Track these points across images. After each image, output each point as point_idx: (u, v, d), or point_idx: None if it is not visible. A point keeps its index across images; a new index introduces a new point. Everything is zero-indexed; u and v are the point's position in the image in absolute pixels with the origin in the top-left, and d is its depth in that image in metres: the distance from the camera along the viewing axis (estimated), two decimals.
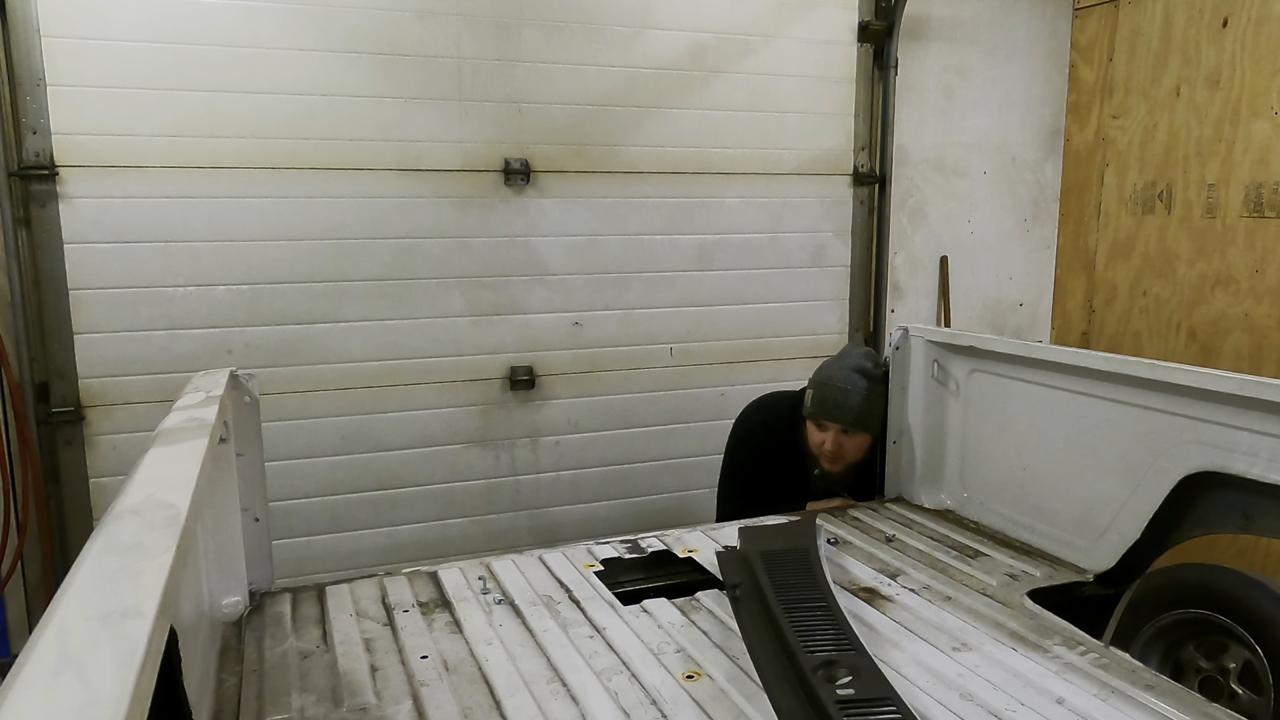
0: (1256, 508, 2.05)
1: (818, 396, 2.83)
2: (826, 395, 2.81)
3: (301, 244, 3.60)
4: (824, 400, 2.81)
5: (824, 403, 2.81)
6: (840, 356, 2.94)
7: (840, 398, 2.80)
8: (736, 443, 3.11)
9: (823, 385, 2.82)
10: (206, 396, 1.88)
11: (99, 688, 0.76)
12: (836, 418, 2.81)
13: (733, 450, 3.12)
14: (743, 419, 3.13)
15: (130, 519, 1.16)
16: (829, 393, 2.81)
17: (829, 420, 2.82)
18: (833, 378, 2.82)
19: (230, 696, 1.75)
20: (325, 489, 3.76)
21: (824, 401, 2.81)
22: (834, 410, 2.80)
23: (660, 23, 3.98)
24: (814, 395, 2.84)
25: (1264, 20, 3.89)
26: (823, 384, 2.83)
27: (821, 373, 2.88)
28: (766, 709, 1.63)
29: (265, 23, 3.43)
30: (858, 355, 2.92)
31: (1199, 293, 4.24)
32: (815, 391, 2.84)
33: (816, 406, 2.83)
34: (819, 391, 2.83)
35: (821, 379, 2.85)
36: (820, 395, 2.82)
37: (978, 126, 4.70)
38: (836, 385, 2.80)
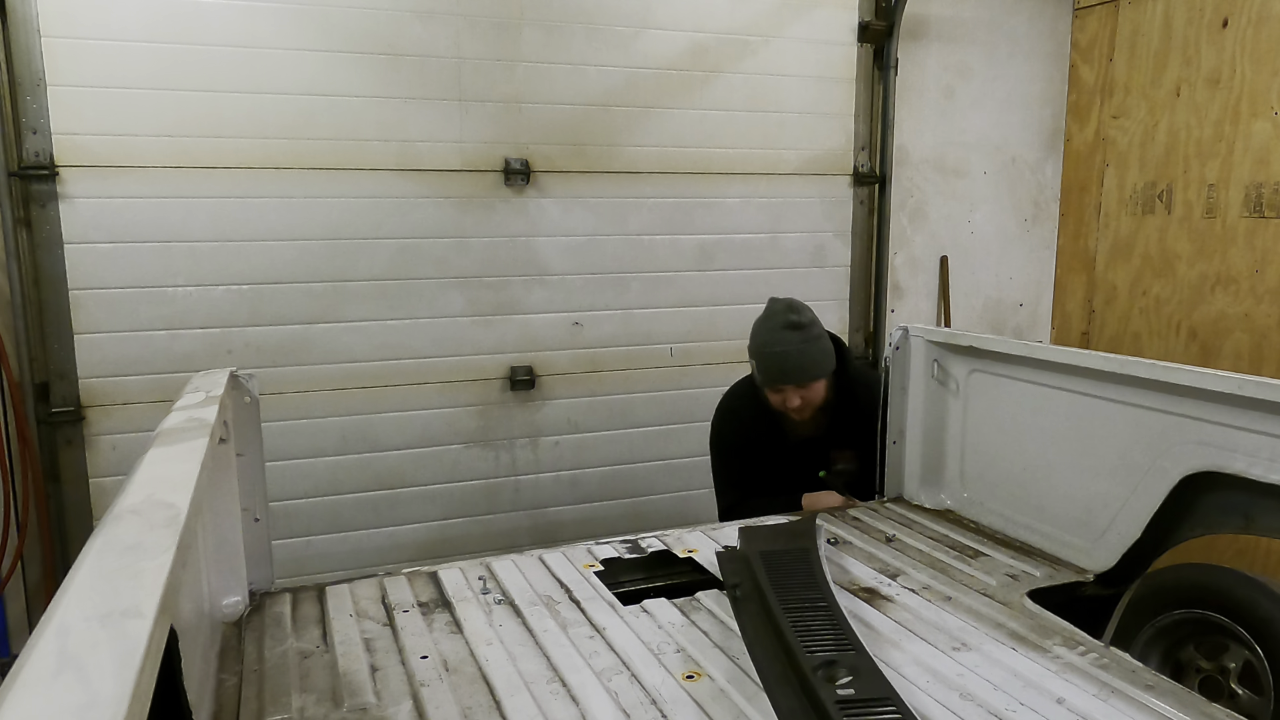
0: (1256, 508, 2.05)
1: (761, 366, 2.84)
2: (769, 364, 2.82)
3: (301, 244, 3.60)
4: (768, 369, 2.82)
5: (769, 371, 2.82)
6: (766, 319, 2.88)
7: (780, 362, 2.80)
8: (717, 435, 3.16)
9: (762, 355, 2.82)
10: (206, 396, 1.88)
11: (99, 688, 0.76)
12: (785, 380, 2.82)
13: (716, 443, 3.16)
14: (717, 413, 3.18)
15: (130, 519, 1.16)
16: (769, 361, 2.81)
17: (781, 384, 2.83)
18: (767, 344, 2.81)
19: (230, 696, 1.75)
20: (325, 489, 3.76)
21: (768, 370, 2.82)
22: (780, 375, 2.81)
23: (660, 23, 3.98)
24: (757, 366, 2.85)
25: (1264, 20, 3.89)
26: (761, 354, 2.83)
27: (755, 342, 2.86)
28: (766, 709, 1.63)
29: (265, 23, 3.44)
30: (780, 312, 2.87)
31: (1199, 293, 4.24)
32: (757, 362, 2.85)
33: (764, 376, 2.85)
34: (760, 362, 2.84)
35: (758, 349, 2.84)
36: (763, 365, 2.83)
37: (978, 126, 4.70)
38: (773, 351, 2.80)
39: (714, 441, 3.17)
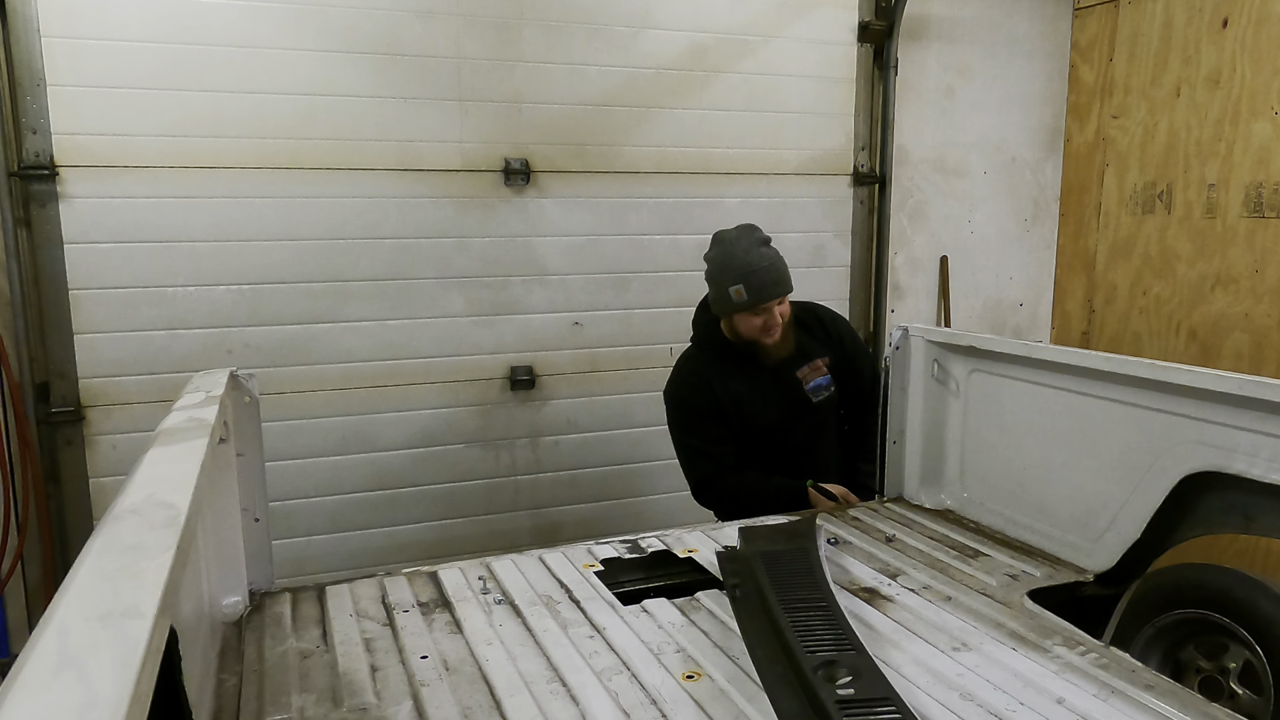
0: (1256, 508, 2.05)
1: (751, 286, 2.74)
2: (760, 280, 2.75)
3: (301, 244, 3.60)
4: (760, 286, 2.75)
5: (761, 288, 2.75)
6: (733, 243, 2.81)
7: (771, 275, 2.76)
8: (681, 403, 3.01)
9: (750, 274, 2.74)
10: (206, 396, 1.88)
11: (99, 688, 0.76)
12: (777, 291, 2.79)
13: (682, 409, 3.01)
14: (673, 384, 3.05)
15: (130, 519, 1.16)
16: (760, 277, 2.74)
17: (770, 300, 2.78)
18: (751, 263, 2.75)
19: (230, 696, 1.75)
20: (325, 489, 3.76)
21: (760, 287, 2.75)
22: (773, 286, 2.77)
23: (660, 23, 3.98)
24: (745, 287, 2.75)
25: (1264, 20, 3.89)
26: (748, 274, 2.74)
27: (735, 264, 2.77)
28: (766, 709, 1.63)
29: (265, 23, 3.44)
30: (747, 233, 2.84)
31: (1199, 293, 4.24)
32: (745, 283, 2.75)
33: (754, 295, 2.75)
34: (750, 281, 2.74)
35: (742, 269, 2.75)
36: (754, 283, 2.74)
37: (978, 126, 4.70)
38: (761, 267, 2.75)
39: (679, 409, 3.02)
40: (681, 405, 3.01)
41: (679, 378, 3.05)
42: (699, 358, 3.04)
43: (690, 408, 2.98)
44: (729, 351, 2.96)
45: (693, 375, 3.00)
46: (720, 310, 2.88)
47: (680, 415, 3.02)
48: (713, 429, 2.96)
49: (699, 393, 2.96)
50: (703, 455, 2.98)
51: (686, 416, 3.00)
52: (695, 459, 3.00)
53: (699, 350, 3.05)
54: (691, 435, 3.00)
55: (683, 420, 3.02)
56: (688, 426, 3.00)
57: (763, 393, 2.96)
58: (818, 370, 3.01)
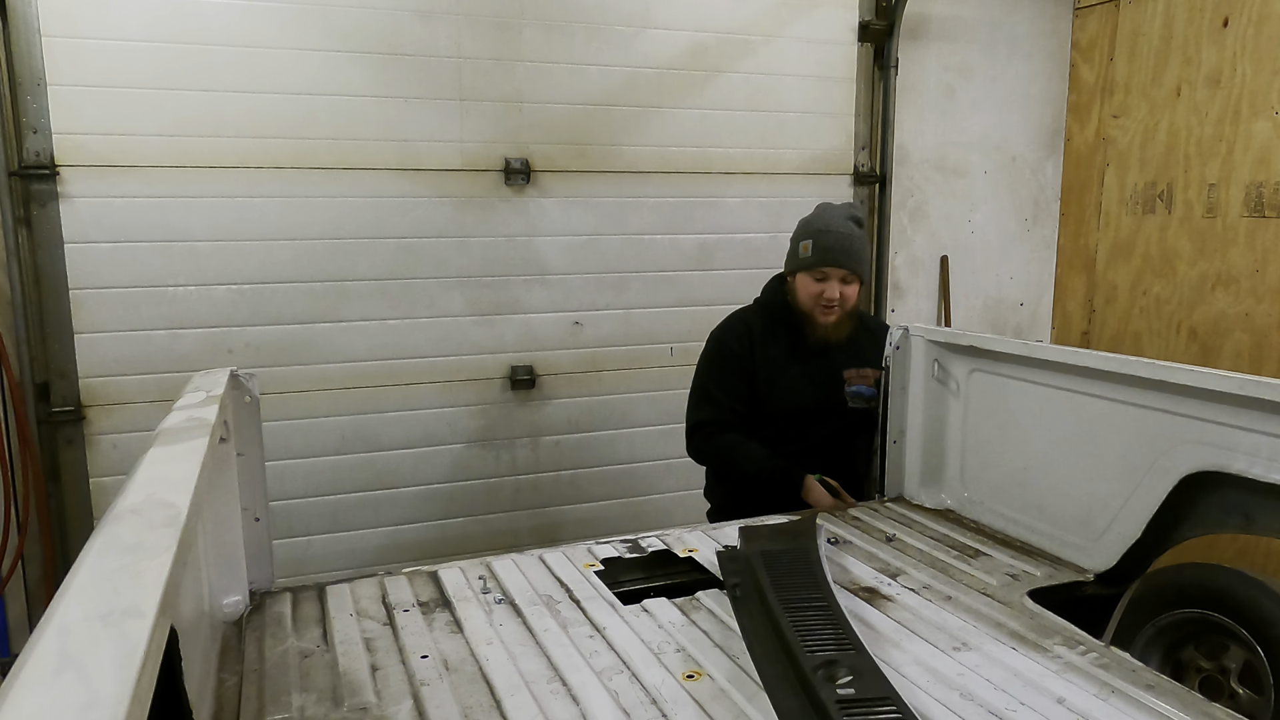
0: (1256, 508, 2.05)
1: (819, 244, 2.72)
2: (830, 242, 2.72)
3: (302, 244, 3.60)
4: (828, 247, 2.72)
5: (828, 250, 2.72)
6: (826, 209, 2.82)
7: (843, 243, 2.72)
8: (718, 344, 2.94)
9: (822, 233, 2.72)
10: (207, 396, 1.88)
11: (99, 687, 0.76)
12: (840, 262, 2.74)
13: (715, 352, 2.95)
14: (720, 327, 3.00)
15: (131, 518, 1.16)
16: (831, 239, 2.71)
17: (833, 266, 2.74)
18: (830, 224, 2.73)
19: (230, 696, 1.75)
20: (326, 489, 3.76)
21: (828, 249, 2.72)
22: (839, 255, 2.73)
23: (660, 22, 3.98)
24: (814, 244, 2.73)
25: (1264, 20, 3.89)
26: (822, 231, 2.73)
27: (815, 223, 2.77)
28: (766, 709, 1.63)
29: (265, 23, 3.44)
30: (845, 207, 2.83)
31: (1199, 292, 4.24)
32: (814, 240, 2.73)
33: (819, 255, 2.72)
34: (819, 239, 2.72)
35: (818, 227, 2.74)
36: (822, 243, 2.72)
37: (978, 126, 4.70)
38: (837, 231, 2.72)
39: (714, 348, 2.97)
40: (718, 346, 2.95)
41: (728, 323, 3.00)
42: (755, 312, 2.99)
43: (725, 352, 2.92)
44: (784, 316, 2.91)
45: (741, 325, 2.94)
46: (788, 268, 2.86)
47: (712, 355, 2.96)
48: (735, 382, 2.89)
49: (740, 343, 2.90)
50: (711, 401, 2.91)
51: (717, 359, 2.94)
52: (703, 402, 2.93)
53: (757, 307, 3.01)
54: (711, 378, 2.94)
55: (711, 361, 2.96)
56: (712, 368, 2.94)
57: (802, 371, 2.90)
58: (865, 378, 2.96)
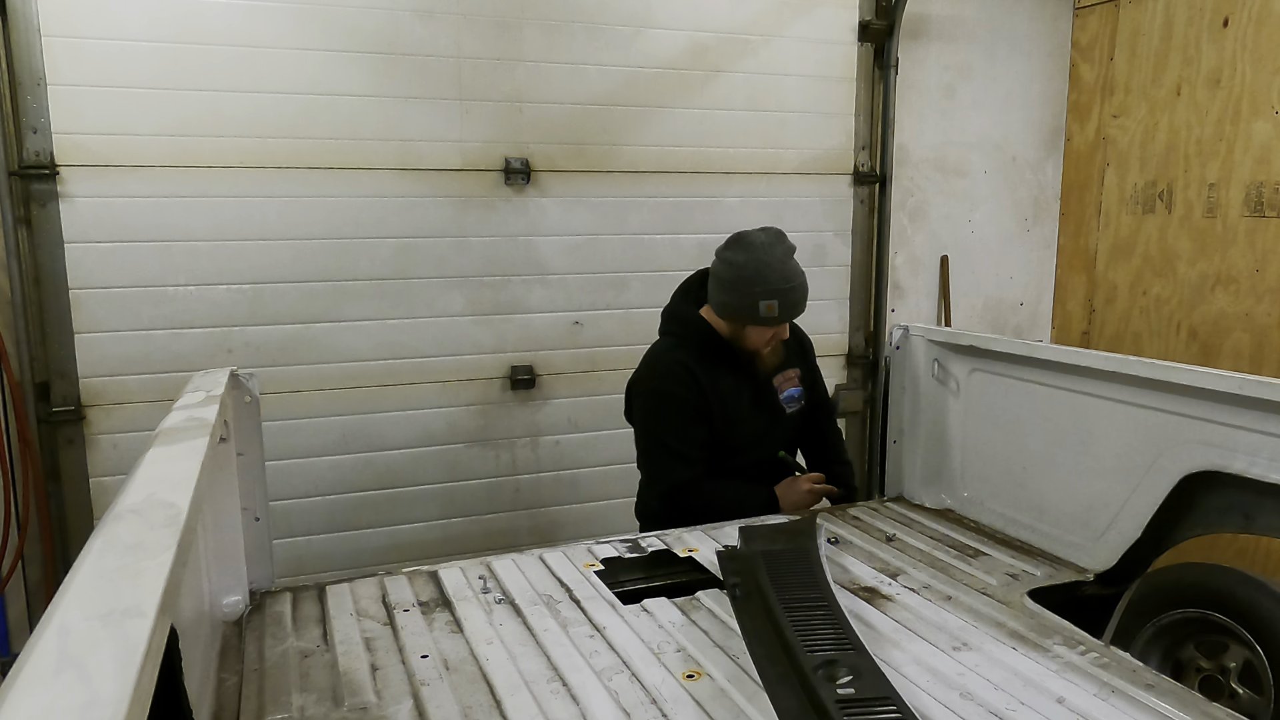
0: (1256, 507, 2.05)
1: (786, 303, 2.60)
2: (796, 299, 2.62)
3: (302, 243, 3.60)
4: (794, 304, 2.63)
5: (794, 306, 2.63)
6: (765, 251, 2.60)
7: (803, 294, 2.65)
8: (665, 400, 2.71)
9: (785, 291, 2.59)
10: (207, 396, 1.88)
11: (99, 687, 0.76)
12: (800, 312, 2.69)
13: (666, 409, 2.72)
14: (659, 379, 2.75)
15: (131, 518, 1.16)
16: (796, 295, 2.62)
17: (797, 316, 2.69)
18: (788, 279, 2.60)
19: (230, 696, 1.75)
20: (325, 488, 3.76)
21: (794, 305, 2.63)
22: (800, 307, 2.67)
23: (660, 22, 3.98)
24: (780, 305, 2.59)
25: (1264, 20, 3.89)
26: (785, 290, 2.59)
27: (772, 279, 2.58)
28: (767, 708, 1.63)
29: (265, 22, 3.43)
30: (777, 241, 2.64)
31: (1199, 292, 4.24)
32: (780, 300, 2.59)
33: (787, 312, 2.63)
34: (785, 298, 2.59)
35: (779, 285, 2.58)
36: (789, 300, 2.60)
37: (978, 126, 4.70)
38: (796, 285, 2.61)
39: (662, 403, 2.73)
40: (665, 400, 2.71)
41: (661, 370, 2.75)
42: (680, 348, 2.76)
43: (675, 403, 2.69)
44: (715, 345, 2.74)
45: (679, 368, 2.71)
46: (734, 317, 2.66)
47: (661, 410, 2.73)
48: (695, 431, 2.70)
49: (686, 388, 2.68)
50: (681, 459, 2.71)
51: (668, 413, 2.72)
52: (672, 462, 2.72)
53: (680, 343, 2.78)
54: (670, 434, 2.72)
55: (663, 416, 2.73)
56: (668, 424, 2.72)
57: (747, 397, 2.78)
58: (791, 380, 2.88)
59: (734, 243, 2.67)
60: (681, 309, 2.83)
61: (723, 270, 2.66)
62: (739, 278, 2.60)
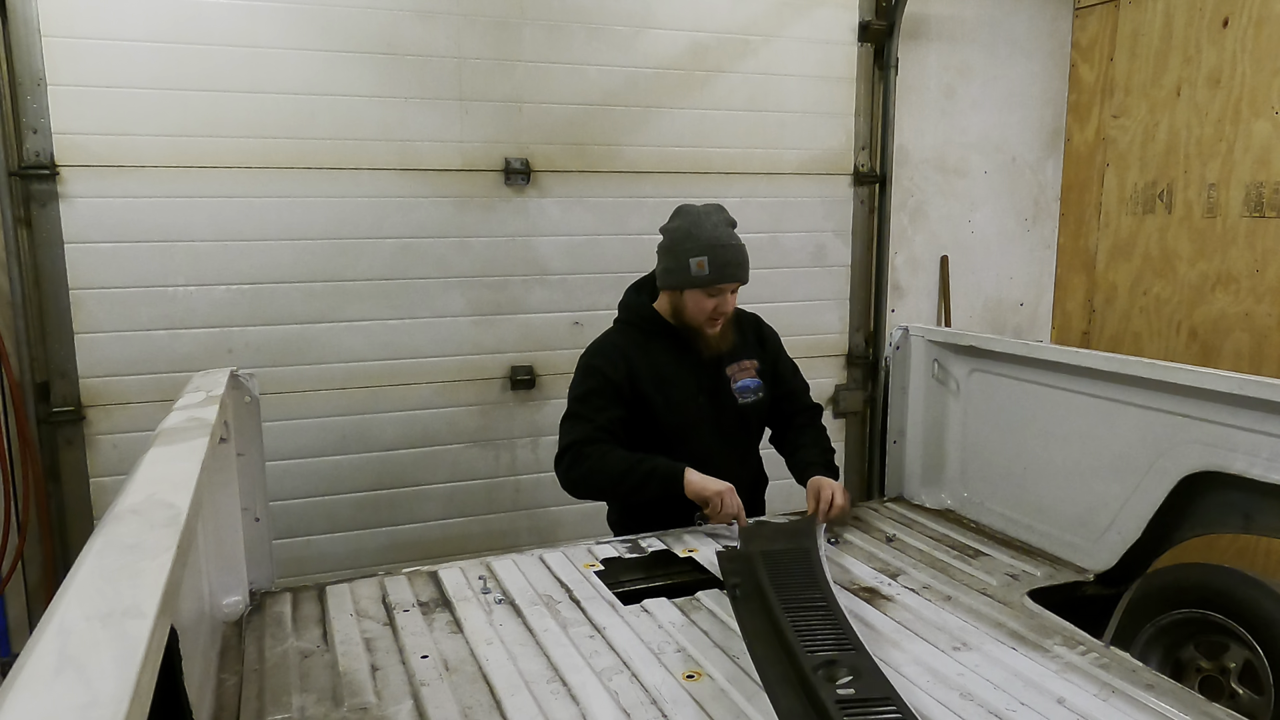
0: (1256, 508, 2.05)
1: (716, 261, 2.56)
2: (727, 257, 2.57)
3: (302, 244, 3.60)
4: (725, 263, 2.57)
5: (725, 265, 2.57)
6: (702, 218, 2.61)
7: (738, 255, 2.59)
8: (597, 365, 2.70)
9: (717, 248, 2.57)
10: (207, 396, 1.88)
11: (99, 687, 0.76)
12: (737, 275, 2.62)
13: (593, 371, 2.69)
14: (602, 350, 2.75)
15: (131, 518, 1.16)
16: (728, 254, 2.57)
17: (730, 281, 2.62)
18: (721, 237, 2.58)
19: (231, 696, 1.75)
20: (325, 489, 3.76)
21: (725, 264, 2.57)
22: (735, 269, 2.61)
23: (661, 22, 3.98)
24: (709, 261, 2.56)
25: (1264, 20, 3.89)
26: (716, 246, 2.57)
27: (702, 237, 2.58)
28: (767, 709, 1.63)
29: (265, 23, 3.43)
30: (715, 211, 2.65)
31: (1199, 292, 4.24)
32: (710, 256, 2.56)
33: (716, 271, 2.57)
34: (715, 255, 2.56)
35: (709, 242, 2.57)
36: (719, 258, 2.56)
37: (978, 126, 4.70)
38: (730, 244, 2.58)
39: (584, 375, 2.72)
40: (588, 373, 2.71)
41: (596, 347, 2.78)
42: (622, 333, 2.78)
43: (596, 377, 2.68)
44: (660, 330, 2.73)
45: (611, 348, 2.73)
46: (671, 283, 2.66)
47: (581, 381, 2.72)
48: (606, 404, 2.65)
49: (611, 365, 2.68)
50: (581, 420, 2.65)
51: (586, 384, 2.70)
52: (572, 422, 2.67)
53: (623, 327, 2.81)
54: (581, 403, 2.68)
55: (581, 386, 2.71)
56: (582, 393, 2.70)
57: (691, 378, 2.72)
58: (746, 371, 2.80)
59: (674, 214, 2.71)
60: (631, 298, 2.85)
61: (662, 241, 2.70)
62: (669, 243, 2.65)
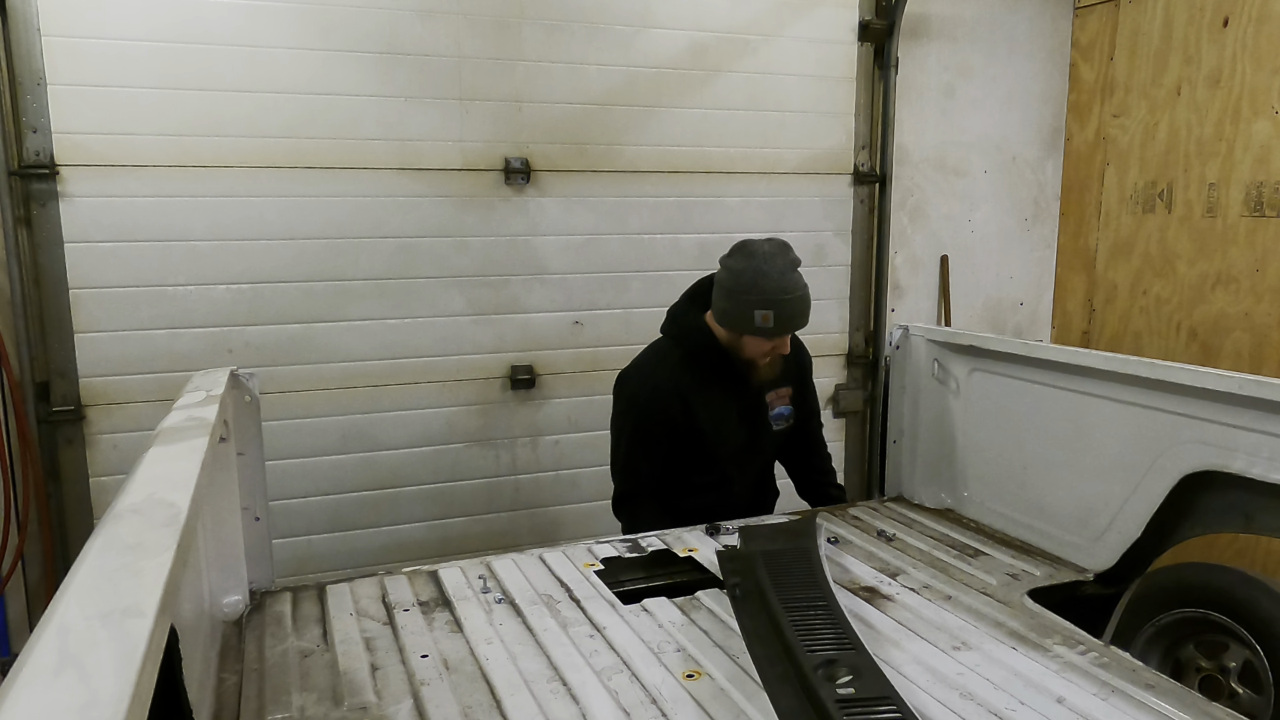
0: (1256, 507, 2.05)
1: (782, 315, 2.54)
2: (792, 310, 2.55)
3: (302, 243, 3.60)
4: (790, 316, 2.55)
5: (791, 319, 2.56)
6: (767, 260, 2.55)
7: (802, 306, 2.57)
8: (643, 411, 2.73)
9: (783, 302, 2.53)
10: (207, 395, 1.88)
11: (99, 687, 0.76)
12: (800, 325, 2.63)
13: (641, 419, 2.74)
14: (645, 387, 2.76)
15: (131, 518, 1.16)
16: (792, 307, 2.55)
17: (793, 330, 2.63)
18: (787, 288, 2.53)
19: (231, 695, 1.75)
20: (325, 488, 3.76)
21: (790, 318, 2.56)
22: (800, 320, 2.61)
23: (660, 22, 3.98)
24: (775, 316, 2.53)
25: (1264, 20, 3.89)
26: (783, 300, 2.53)
27: (769, 289, 2.53)
28: (766, 708, 1.63)
29: (265, 22, 3.43)
30: (780, 253, 2.58)
31: (1199, 292, 4.24)
32: (776, 311, 2.53)
33: (783, 325, 2.56)
34: (781, 310, 2.53)
35: (776, 295, 2.53)
36: (785, 312, 2.54)
37: (978, 125, 4.70)
38: (796, 297, 2.55)
39: (637, 413, 2.76)
40: (641, 413, 2.74)
41: (649, 376, 2.77)
42: (676, 356, 2.75)
43: (649, 417, 2.72)
44: (713, 357, 2.71)
45: (667, 380, 2.71)
46: (730, 325, 2.63)
47: (634, 419, 2.77)
48: (658, 450, 2.73)
49: (663, 403, 2.70)
50: (634, 473, 2.79)
51: (640, 424, 2.75)
52: (627, 472, 2.80)
53: (677, 347, 2.77)
54: (637, 444, 2.76)
55: (635, 425, 2.77)
56: (637, 434, 2.76)
57: (736, 411, 2.76)
58: (782, 398, 2.85)
59: (737, 250, 2.64)
60: (685, 312, 2.80)
61: (724, 277, 2.64)
62: (736, 286, 2.58)
